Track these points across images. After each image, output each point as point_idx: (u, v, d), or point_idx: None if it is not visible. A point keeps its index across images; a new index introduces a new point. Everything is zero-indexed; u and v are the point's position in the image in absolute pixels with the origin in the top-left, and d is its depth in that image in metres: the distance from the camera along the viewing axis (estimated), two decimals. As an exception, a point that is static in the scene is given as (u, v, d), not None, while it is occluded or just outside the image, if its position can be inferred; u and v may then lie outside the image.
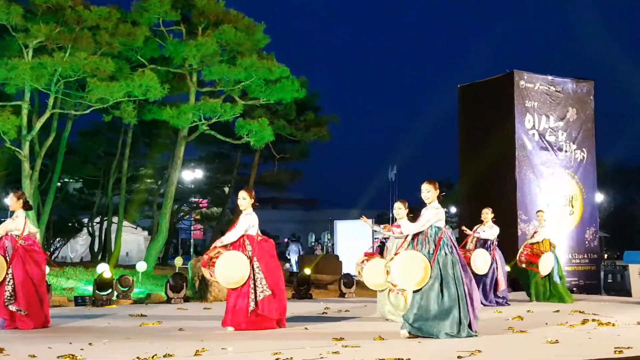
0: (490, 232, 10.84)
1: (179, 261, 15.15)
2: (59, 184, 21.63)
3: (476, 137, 15.41)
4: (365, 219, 9.17)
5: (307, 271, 13.06)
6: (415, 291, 6.83)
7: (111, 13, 14.87)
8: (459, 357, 5.54)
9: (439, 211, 7.03)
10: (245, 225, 7.67)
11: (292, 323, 8.17)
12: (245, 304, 7.50)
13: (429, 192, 7.07)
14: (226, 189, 28.89)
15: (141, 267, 14.16)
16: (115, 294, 11.15)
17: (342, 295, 12.94)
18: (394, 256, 7.12)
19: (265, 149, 20.89)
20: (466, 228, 11.11)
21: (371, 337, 6.75)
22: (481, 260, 10.49)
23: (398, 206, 8.51)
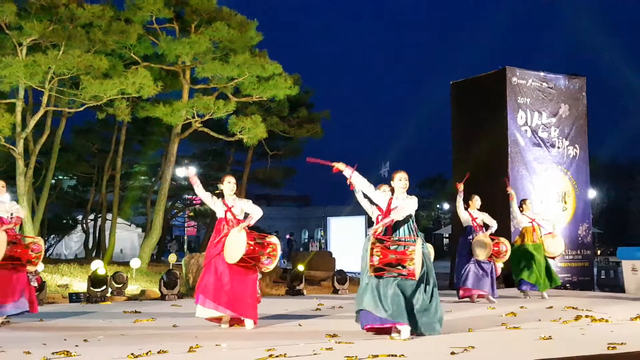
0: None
1: (173, 258, 15.17)
2: (53, 181, 21.60)
3: (469, 134, 15.41)
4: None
5: (301, 268, 13.08)
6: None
7: (104, 11, 14.82)
8: (452, 353, 5.55)
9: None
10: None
11: (285, 320, 8.19)
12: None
13: (407, 180, 6.91)
14: (220, 186, 28.73)
15: (135, 263, 14.17)
16: (110, 290, 11.16)
17: (335, 291, 12.95)
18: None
19: (258, 146, 20.86)
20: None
21: (364, 333, 6.73)
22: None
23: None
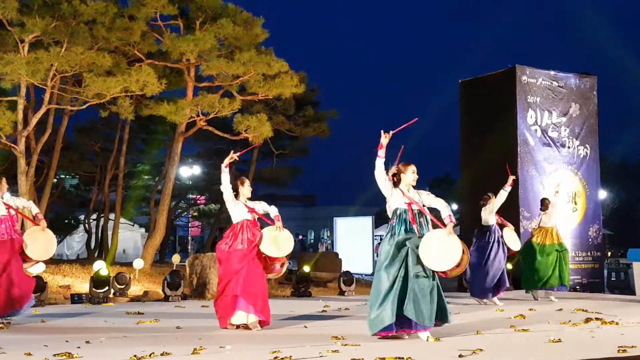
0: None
1: (176, 258, 15.04)
2: (55, 180, 21.55)
3: (477, 133, 15.26)
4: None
5: (306, 269, 12.94)
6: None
7: (108, 7, 14.76)
8: (460, 355, 5.52)
9: None
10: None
11: (291, 321, 8.10)
12: None
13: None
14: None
15: (138, 264, 14.06)
16: (112, 291, 11.10)
17: (341, 293, 12.82)
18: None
19: (264, 145, 20.76)
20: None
21: (371, 335, 6.60)
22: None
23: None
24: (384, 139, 6.63)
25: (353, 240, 21.67)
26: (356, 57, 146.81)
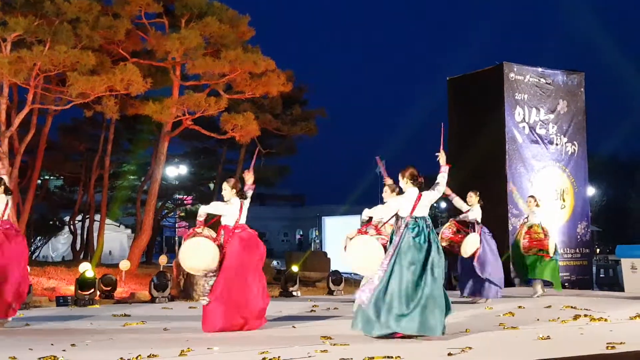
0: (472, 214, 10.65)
1: (163, 259, 14.89)
2: (39, 181, 21.39)
3: (466, 130, 15.21)
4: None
5: (295, 268, 12.86)
6: None
7: (92, 6, 14.66)
8: (449, 354, 5.54)
9: None
10: (213, 209, 7.51)
11: (279, 322, 8.05)
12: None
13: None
14: (211, 185, 28.67)
15: (124, 265, 13.90)
16: (98, 293, 11.00)
17: (330, 292, 12.76)
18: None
19: (251, 144, 20.63)
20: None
21: (360, 335, 6.62)
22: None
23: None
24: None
25: (342, 239, 21.49)
26: (345, 56, 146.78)
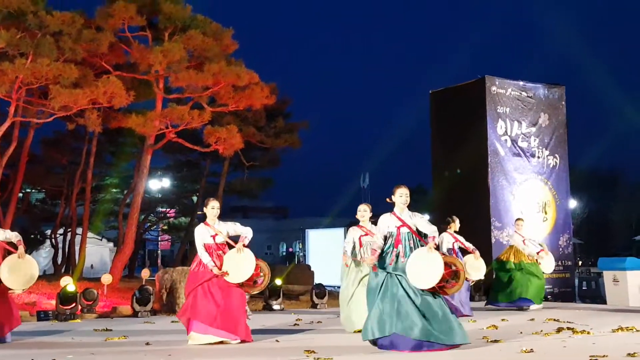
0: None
1: (145, 273, 14.78)
2: (20, 194, 21.19)
3: (449, 143, 15.32)
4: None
5: (278, 282, 12.81)
6: None
7: (74, 19, 14.61)
8: None
9: None
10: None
11: (262, 335, 7.98)
12: None
13: (408, 196, 6.91)
14: (194, 198, 28.58)
15: (106, 279, 13.78)
16: (80, 307, 10.90)
17: (314, 306, 12.76)
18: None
19: (234, 156, 20.62)
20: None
21: (344, 348, 6.65)
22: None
23: (363, 208, 8.57)
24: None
25: (325, 252, 21.52)
26: (328, 69, 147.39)
